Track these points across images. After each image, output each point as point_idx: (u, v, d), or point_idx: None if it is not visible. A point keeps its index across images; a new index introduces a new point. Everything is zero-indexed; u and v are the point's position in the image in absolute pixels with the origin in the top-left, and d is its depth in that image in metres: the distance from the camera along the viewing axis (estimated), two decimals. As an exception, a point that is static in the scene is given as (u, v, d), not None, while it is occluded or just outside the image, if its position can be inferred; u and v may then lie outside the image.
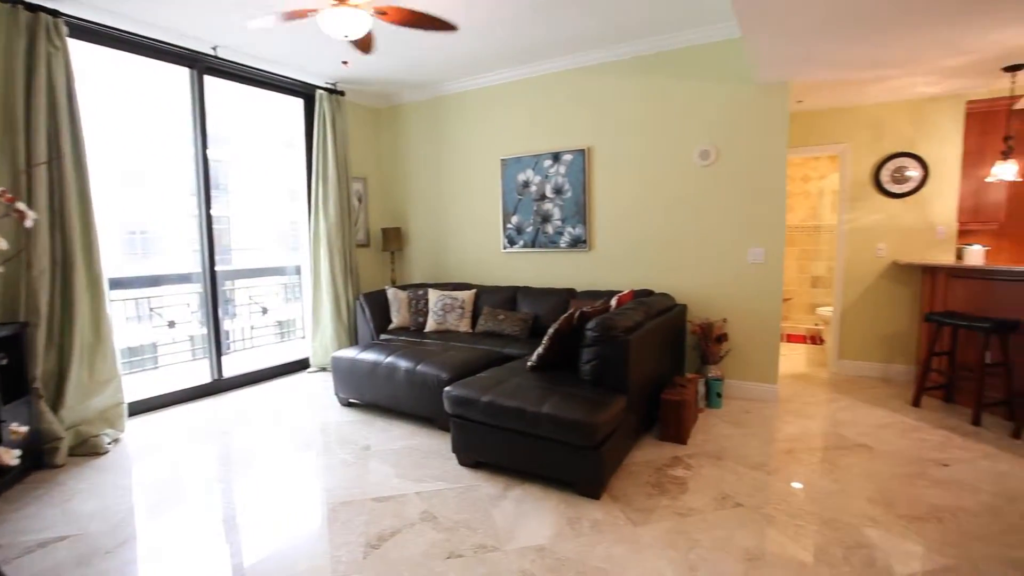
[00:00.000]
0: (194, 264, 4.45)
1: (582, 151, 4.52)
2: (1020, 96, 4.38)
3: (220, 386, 4.53)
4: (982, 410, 3.59)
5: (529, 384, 2.92)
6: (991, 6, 2.64)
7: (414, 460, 3.12)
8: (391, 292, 4.96)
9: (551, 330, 3.06)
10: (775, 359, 4.05)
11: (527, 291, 4.65)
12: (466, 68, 4.79)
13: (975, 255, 4.43)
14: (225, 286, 5.56)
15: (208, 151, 4.29)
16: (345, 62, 4.49)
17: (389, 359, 3.71)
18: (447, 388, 2.99)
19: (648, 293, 4.05)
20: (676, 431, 3.25)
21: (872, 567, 2.08)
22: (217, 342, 4.48)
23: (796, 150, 5.00)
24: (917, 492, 2.66)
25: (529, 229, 4.88)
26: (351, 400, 4.09)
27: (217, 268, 4.41)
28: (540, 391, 2.81)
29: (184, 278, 5.06)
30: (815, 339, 6.40)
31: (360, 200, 5.66)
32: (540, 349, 3.12)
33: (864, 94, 4.43)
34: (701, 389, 3.81)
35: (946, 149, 4.50)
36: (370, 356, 3.82)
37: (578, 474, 2.62)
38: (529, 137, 4.83)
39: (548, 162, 4.70)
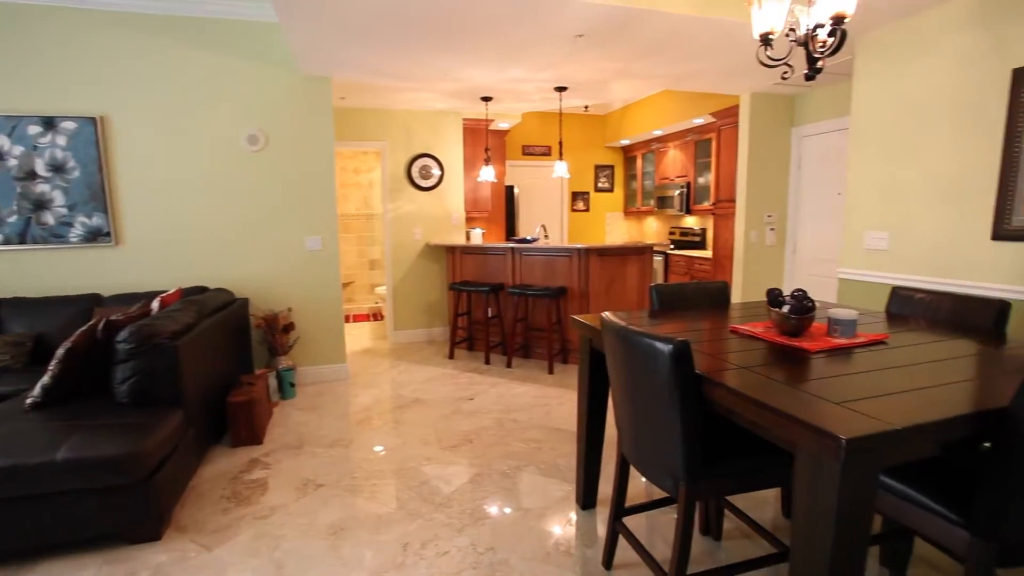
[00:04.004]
0: None
1: (92, 120, 3.57)
2: (493, 120, 5.98)
3: None
4: (490, 351, 4.84)
5: (32, 428, 2.17)
6: (461, 49, 3.47)
7: None
8: None
9: (61, 350, 2.34)
10: (341, 340, 4.33)
11: (19, 304, 3.41)
12: None
13: (477, 236, 5.86)
14: None
15: None
16: None
17: None
18: None
19: (201, 290, 3.62)
20: (249, 432, 3.07)
21: (434, 495, 2.53)
22: None
23: (345, 143, 5.37)
24: (454, 425, 3.37)
25: (13, 219, 3.56)
26: None
27: None
28: (52, 433, 2.13)
29: None
30: (376, 316, 7.18)
31: None
32: (46, 378, 2.35)
33: (396, 100, 5.13)
34: (273, 382, 3.71)
35: (453, 154, 5.73)
36: None
37: (126, 520, 2.13)
38: (-5, 90, 3.47)
39: (36, 128, 3.51)
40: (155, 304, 2.90)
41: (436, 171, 5.66)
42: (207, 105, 3.77)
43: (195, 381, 2.69)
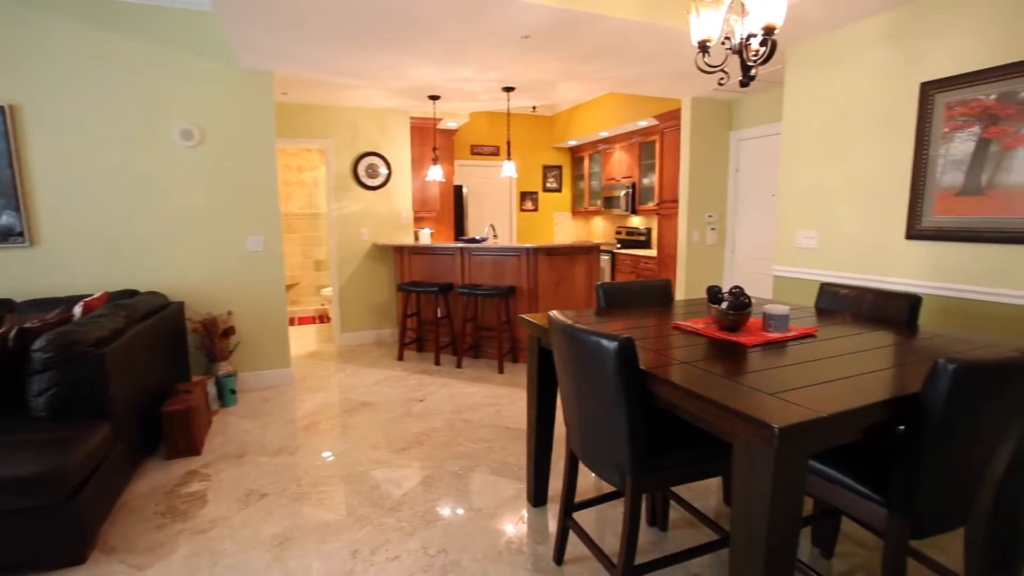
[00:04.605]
0: None
1: (0, 108, 3.29)
2: (440, 119, 5.94)
3: None
4: (440, 352, 4.80)
5: (-65, 447, 1.98)
6: (408, 48, 3.42)
7: None
8: None
9: (-30, 362, 2.15)
10: (286, 343, 4.19)
11: (-82, 311, 3.10)
12: None
13: (425, 236, 5.80)
14: None
15: None
16: None
17: None
18: None
19: (131, 294, 3.40)
20: (187, 443, 2.91)
21: (384, 499, 2.48)
22: None
23: (287, 140, 5.19)
24: (404, 427, 3.33)
25: (-91, 218, 3.23)
26: None
27: None
28: (-42, 452, 1.95)
29: None
30: (323, 318, 6.98)
31: None
32: (-49, 392, 2.16)
33: (341, 97, 5.00)
34: (212, 390, 3.54)
35: (401, 153, 5.64)
36: None
37: (46, 543, 1.98)
38: None
39: (-66, 119, 3.20)
40: (77, 309, 2.72)
41: (383, 170, 5.55)
42: (135, 97, 3.55)
43: (124, 391, 2.53)
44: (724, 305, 1.93)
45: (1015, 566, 1.80)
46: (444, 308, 4.92)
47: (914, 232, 2.85)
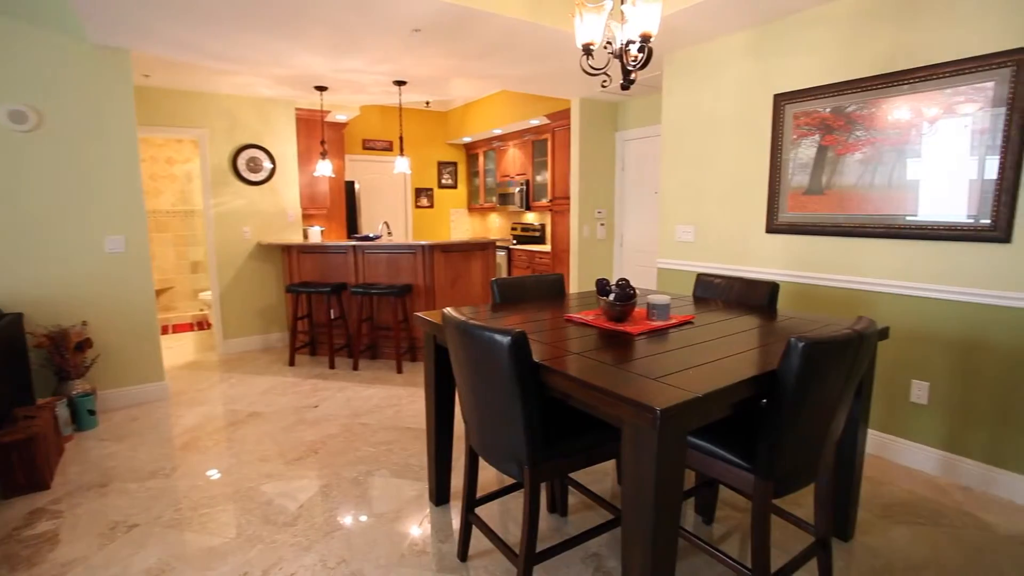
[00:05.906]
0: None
1: None
2: (329, 111, 5.66)
3: None
4: (334, 355, 4.60)
5: None
6: (291, 33, 3.22)
7: None
8: None
9: None
10: (158, 354, 3.78)
11: None
12: None
13: (315, 234, 5.52)
14: None
15: None
16: None
17: None
18: None
19: (-49, 305, 2.88)
20: (29, 476, 2.52)
21: (278, 514, 2.33)
22: None
23: (153, 129, 4.66)
24: (298, 436, 3.15)
25: None
26: None
27: None
28: None
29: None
30: (202, 324, 6.39)
31: None
32: None
33: (217, 83, 4.58)
34: (64, 412, 3.10)
35: (286, 146, 5.30)
36: None
37: None
38: None
39: None
40: None
41: (267, 164, 5.18)
42: (-53, 73, 3.00)
43: (-56, 421, 2.14)
44: (612, 297, 2.04)
45: (851, 511, 2.10)
46: (337, 309, 4.71)
47: (772, 227, 3.20)
